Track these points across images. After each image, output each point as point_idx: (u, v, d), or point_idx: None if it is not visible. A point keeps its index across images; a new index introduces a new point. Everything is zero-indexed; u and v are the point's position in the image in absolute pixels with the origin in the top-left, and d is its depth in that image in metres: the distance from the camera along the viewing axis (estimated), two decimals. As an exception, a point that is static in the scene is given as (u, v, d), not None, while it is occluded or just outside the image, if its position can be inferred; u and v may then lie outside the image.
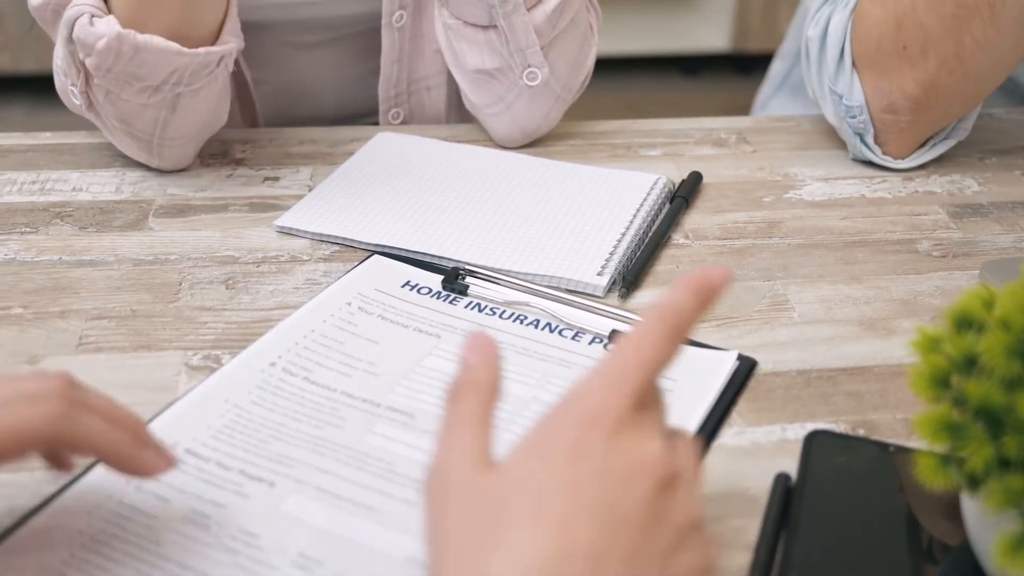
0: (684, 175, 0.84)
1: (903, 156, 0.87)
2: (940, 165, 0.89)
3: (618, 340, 0.42)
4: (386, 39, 0.91)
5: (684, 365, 0.59)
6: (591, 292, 0.70)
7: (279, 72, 0.97)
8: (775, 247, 0.77)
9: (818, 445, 0.55)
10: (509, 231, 0.76)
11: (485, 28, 0.82)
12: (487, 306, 0.68)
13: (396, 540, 0.50)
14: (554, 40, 0.83)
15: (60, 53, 0.76)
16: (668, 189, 0.82)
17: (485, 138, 0.91)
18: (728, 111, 1.13)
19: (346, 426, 0.57)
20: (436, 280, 0.70)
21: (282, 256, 0.74)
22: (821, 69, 0.86)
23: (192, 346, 0.64)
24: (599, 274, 0.70)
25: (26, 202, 0.80)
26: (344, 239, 0.75)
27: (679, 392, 0.59)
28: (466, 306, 0.68)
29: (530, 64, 0.82)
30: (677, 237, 0.78)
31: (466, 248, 0.73)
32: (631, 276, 0.71)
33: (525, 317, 0.67)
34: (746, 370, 0.63)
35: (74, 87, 0.76)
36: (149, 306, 0.68)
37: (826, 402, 0.61)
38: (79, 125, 0.88)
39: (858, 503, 0.51)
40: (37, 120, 2.56)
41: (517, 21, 0.80)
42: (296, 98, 1.00)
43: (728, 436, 0.58)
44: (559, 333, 0.66)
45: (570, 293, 0.69)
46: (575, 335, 0.65)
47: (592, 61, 0.89)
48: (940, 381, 0.44)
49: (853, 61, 0.84)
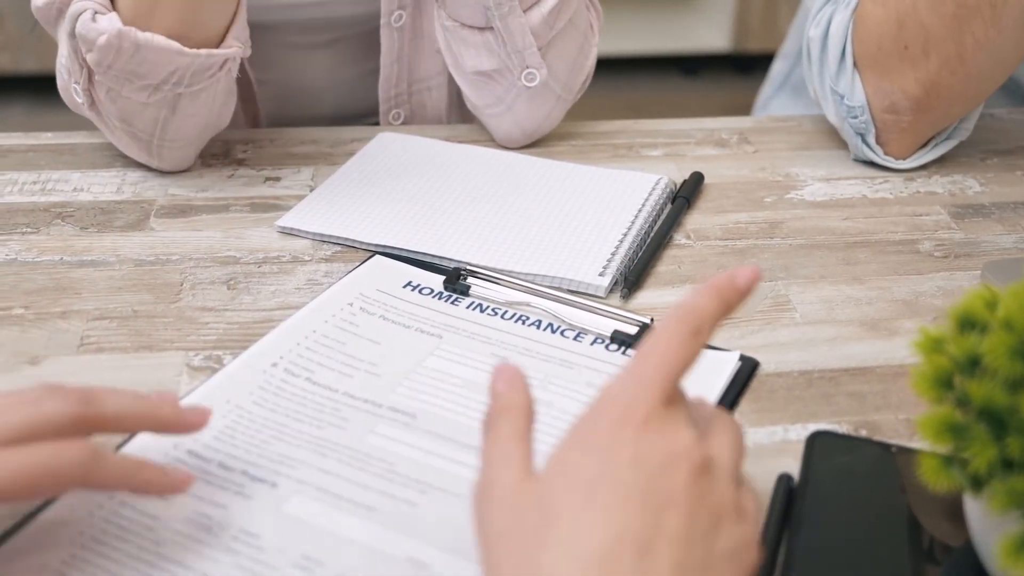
0: (686, 175, 0.84)
1: (904, 156, 0.87)
2: (942, 165, 0.88)
3: (640, 343, 0.43)
4: (385, 39, 0.91)
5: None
6: (593, 292, 0.70)
7: (281, 73, 0.97)
8: (777, 247, 0.77)
9: (820, 446, 0.55)
10: (511, 231, 0.76)
11: (482, 30, 0.82)
12: (489, 306, 0.68)
13: (397, 541, 0.49)
14: (552, 41, 0.83)
15: (64, 51, 0.76)
16: (670, 189, 0.82)
17: (486, 138, 0.91)
18: (728, 111, 1.13)
19: (348, 427, 0.57)
20: (438, 280, 0.70)
21: (283, 256, 0.74)
22: (822, 69, 0.86)
23: (193, 347, 0.64)
24: (601, 274, 0.70)
25: (27, 202, 0.80)
26: (345, 239, 0.75)
27: (681, 393, 0.59)
28: (468, 306, 0.68)
29: (528, 65, 0.82)
30: (679, 237, 0.78)
31: (468, 248, 0.73)
32: (633, 276, 0.71)
33: (527, 317, 0.67)
34: (748, 371, 0.63)
35: (77, 84, 0.76)
36: (150, 306, 0.68)
37: (828, 403, 0.61)
38: (80, 125, 0.88)
39: (860, 504, 0.51)
40: (38, 120, 2.56)
41: (513, 23, 0.80)
42: (297, 98, 1.00)
43: (730, 437, 0.58)
44: (561, 334, 0.66)
45: (572, 293, 0.69)
46: (577, 336, 0.65)
47: (593, 61, 0.89)
48: (943, 382, 0.44)
49: (854, 61, 0.84)
